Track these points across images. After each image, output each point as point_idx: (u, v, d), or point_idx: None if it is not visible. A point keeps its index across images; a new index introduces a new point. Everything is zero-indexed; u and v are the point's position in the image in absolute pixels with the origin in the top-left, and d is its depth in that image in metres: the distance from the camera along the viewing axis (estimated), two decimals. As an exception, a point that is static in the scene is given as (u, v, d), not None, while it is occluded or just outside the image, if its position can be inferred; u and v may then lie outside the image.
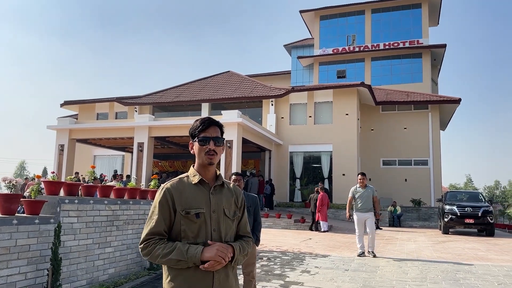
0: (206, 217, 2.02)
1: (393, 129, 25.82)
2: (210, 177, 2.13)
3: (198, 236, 1.99)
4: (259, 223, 5.11)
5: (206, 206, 2.03)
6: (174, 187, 2.06)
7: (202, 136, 2.12)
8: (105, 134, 20.61)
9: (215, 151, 2.10)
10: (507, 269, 8.08)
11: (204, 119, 2.16)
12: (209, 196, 2.06)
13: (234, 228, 2.12)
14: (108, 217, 6.21)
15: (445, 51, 32.11)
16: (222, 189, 2.13)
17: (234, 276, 2.07)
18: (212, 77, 28.18)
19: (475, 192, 20.68)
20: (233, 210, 2.12)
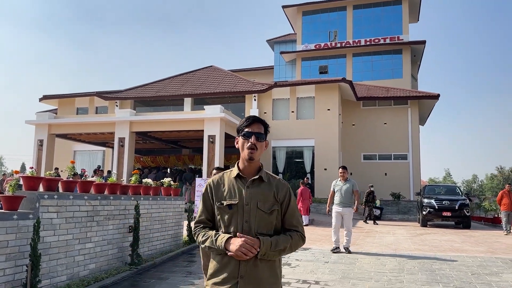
0: (238, 209, 2.17)
1: (373, 124, 26.18)
2: (250, 171, 2.27)
3: (230, 226, 2.16)
4: None
5: (240, 199, 2.18)
6: (214, 181, 2.29)
7: (245, 131, 2.26)
8: (85, 129, 20.37)
9: (256, 145, 2.24)
10: (481, 260, 8.36)
11: (249, 117, 2.32)
12: (244, 189, 2.21)
13: (273, 221, 2.20)
14: (89, 213, 6.18)
15: (424, 47, 32.63)
16: (261, 183, 2.24)
17: (268, 267, 2.14)
18: (195, 72, 28.04)
19: (452, 186, 21.19)
20: (270, 204, 2.20)
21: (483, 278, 6.73)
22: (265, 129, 2.33)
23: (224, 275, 2.10)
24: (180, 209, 9.57)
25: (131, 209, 7.26)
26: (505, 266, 7.70)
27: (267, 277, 2.12)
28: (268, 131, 2.38)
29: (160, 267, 7.40)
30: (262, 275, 2.11)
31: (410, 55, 32.25)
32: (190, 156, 25.46)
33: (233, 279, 2.08)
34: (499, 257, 8.70)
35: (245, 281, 2.08)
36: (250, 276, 2.09)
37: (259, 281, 2.10)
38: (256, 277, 2.10)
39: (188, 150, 25.92)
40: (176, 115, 19.38)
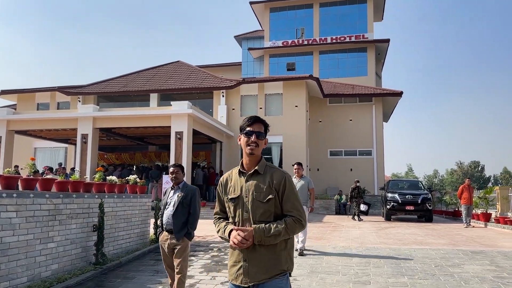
0: (239, 201, 2.47)
1: (339, 121, 26.62)
2: (251, 165, 2.52)
3: (235, 216, 2.49)
4: (193, 216, 4.82)
5: (240, 192, 2.48)
6: (225, 177, 2.62)
7: (247, 130, 2.50)
8: (46, 125, 19.62)
9: (256, 143, 2.48)
10: (443, 252, 8.64)
11: (251, 117, 2.57)
12: (244, 183, 2.49)
13: (270, 209, 2.43)
14: (50, 211, 5.94)
15: (388, 45, 33.42)
16: (257, 176, 2.48)
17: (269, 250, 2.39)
18: (161, 67, 27.57)
19: (415, 181, 21.86)
20: (265, 193, 2.43)
21: (446, 269, 6.95)
22: (265, 128, 2.58)
23: (234, 259, 2.47)
24: (146, 207, 9.38)
25: (95, 207, 7.04)
26: (466, 258, 8.00)
27: (268, 259, 2.39)
28: (268, 130, 2.61)
29: (126, 266, 7.22)
30: (263, 258, 2.39)
31: (374, 53, 32.96)
32: (156, 153, 25.03)
33: (240, 262, 2.42)
34: (461, 249, 9.03)
35: (249, 264, 2.39)
36: (253, 259, 2.39)
37: (260, 263, 2.39)
38: (258, 259, 2.39)
39: (154, 147, 25.46)
40: (142, 111, 18.97)
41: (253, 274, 2.38)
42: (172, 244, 4.75)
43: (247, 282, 2.39)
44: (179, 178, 4.92)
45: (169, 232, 4.77)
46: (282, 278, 2.41)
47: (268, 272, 2.38)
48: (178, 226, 4.73)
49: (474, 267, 7.11)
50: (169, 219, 4.77)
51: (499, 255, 8.35)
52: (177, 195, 4.84)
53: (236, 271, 2.43)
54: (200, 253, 8.51)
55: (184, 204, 4.78)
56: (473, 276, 6.43)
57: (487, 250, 8.98)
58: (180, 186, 4.91)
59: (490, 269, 6.96)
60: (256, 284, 2.39)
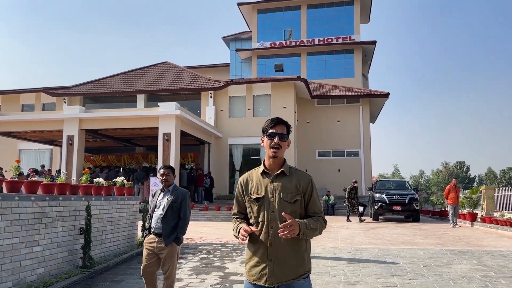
0: (264, 201, 2.46)
1: (327, 122, 26.73)
2: (275, 167, 2.53)
3: (259, 216, 2.47)
4: (183, 220, 4.69)
5: (265, 192, 2.47)
6: (244, 178, 2.62)
7: (270, 132, 2.51)
8: (31, 126, 19.32)
9: (279, 145, 2.48)
10: (432, 252, 8.71)
11: (274, 118, 2.56)
12: (269, 183, 2.48)
13: (296, 209, 2.46)
14: (36, 214, 5.82)
15: (375, 47, 33.69)
16: (284, 177, 2.50)
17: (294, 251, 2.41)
18: (148, 68, 27.37)
19: (402, 181, 22.04)
20: (292, 194, 2.46)
21: (434, 269, 7.00)
22: (287, 130, 2.57)
23: (256, 259, 2.43)
24: (134, 209, 9.27)
25: (82, 210, 6.92)
26: (454, 257, 8.08)
27: (293, 260, 2.41)
28: (290, 131, 2.60)
29: (114, 270, 7.12)
30: (288, 258, 2.40)
31: (361, 55, 33.20)
32: (144, 155, 24.82)
33: (263, 262, 2.40)
34: (448, 249, 9.12)
35: (273, 264, 2.39)
36: (277, 259, 2.39)
37: (285, 263, 2.39)
38: (283, 259, 2.40)
39: (142, 148, 25.25)
40: (129, 112, 18.80)
41: (278, 274, 2.39)
42: (159, 248, 4.57)
43: (272, 282, 2.38)
44: (169, 181, 4.77)
45: (157, 235, 4.60)
46: (305, 279, 2.46)
47: (294, 273, 2.40)
48: (167, 230, 4.56)
49: (462, 267, 7.18)
50: (158, 222, 4.60)
51: (486, 254, 8.45)
52: (167, 198, 4.68)
53: (260, 271, 2.41)
54: (189, 255, 8.44)
55: (174, 207, 4.63)
56: (461, 276, 6.48)
57: (474, 249, 9.08)
58: (170, 189, 4.75)
59: (478, 269, 7.03)
60: (281, 284, 2.39)
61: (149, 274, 4.62)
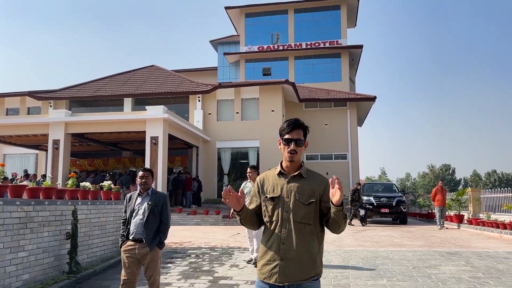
0: (280, 201, 2.49)
1: (315, 125, 26.79)
2: (291, 169, 2.55)
3: (273, 215, 2.50)
4: (165, 224, 4.56)
5: (281, 192, 2.50)
6: (261, 178, 2.65)
7: (286, 138, 2.52)
8: (16, 131, 19.01)
9: (295, 150, 2.50)
10: (420, 254, 8.77)
11: (290, 122, 2.55)
12: (285, 184, 2.51)
13: (311, 211, 2.46)
14: (21, 219, 5.70)
15: (361, 51, 33.99)
16: (300, 178, 2.53)
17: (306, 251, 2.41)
18: (135, 71, 27.17)
19: (389, 184, 22.23)
20: (307, 196, 2.47)
21: (423, 271, 7.04)
22: (305, 132, 2.57)
23: (268, 258, 2.45)
24: (121, 214, 9.15)
25: (68, 214, 6.81)
26: (442, 259, 8.14)
27: (304, 260, 2.41)
28: (308, 131, 2.60)
29: (101, 275, 7.00)
30: (300, 259, 2.40)
31: (348, 59, 33.45)
32: (131, 159, 24.59)
33: (276, 261, 2.41)
34: (436, 250, 9.19)
35: (285, 263, 2.39)
36: (290, 259, 2.39)
37: (297, 263, 2.40)
38: (295, 260, 2.39)
39: (129, 152, 25.01)
40: (115, 115, 18.61)
41: (289, 274, 2.39)
42: (141, 254, 4.40)
43: (282, 281, 2.39)
44: (148, 184, 4.59)
45: (137, 241, 4.42)
46: (315, 281, 2.45)
47: (305, 274, 2.40)
48: (150, 235, 4.41)
49: (450, 268, 7.23)
50: (139, 228, 4.42)
51: (473, 255, 8.53)
52: (146, 202, 4.51)
53: (271, 270, 2.42)
54: (178, 259, 8.35)
55: (156, 212, 4.48)
56: (450, 277, 6.53)
57: (462, 251, 9.17)
58: (149, 193, 4.59)
59: (466, 270, 7.09)
60: (292, 284, 2.39)
61: (130, 284, 4.44)
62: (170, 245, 10.33)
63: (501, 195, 15.31)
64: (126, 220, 4.55)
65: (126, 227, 4.52)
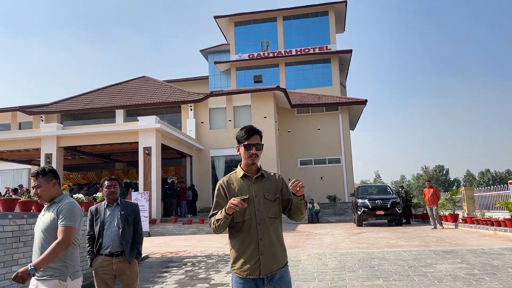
0: (250, 201, 2.63)
1: (308, 130, 26.93)
2: (252, 171, 2.77)
3: (245, 215, 2.65)
4: (141, 234, 4.34)
5: (249, 193, 2.67)
6: (225, 181, 2.78)
7: (246, 143, 2.73)
8: (8, 146, 18.90)
9: (256, 154, 2.73)
10: (416, 253, 8.79)
11: (248, 129, 2.77)
12: (251, 185, 2.70)
13: (277, 207, 2.72)
14: (14, 233, 5.65)
15: (351, 56, 34.30)
16: (262, 179, 2.76)
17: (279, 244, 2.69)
18: (126, 83, 27.17)
19: (383, 186, 22.31)
20: (273, 193, 2.72)
21: (419, 270, 7.06)
22: (261, 136, 2.81)
23: (247, 255, 2.62)
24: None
25: (62, 226, 6.75)
26: (437, 258, 8.17)
27: (279, 251, 2.67)
28: (261, 136, 2.82)
29: (97, 287, 6.93)
30: (276, 251, 2.65)
31: (338, 64, 33.71)
32: (124, 170, 24.49)
33: (256, 257, 2.60)
34: (432, 249, 9.22)
35: (265, 257, 2.60)
36: (268, 253, 2.62)
37: (274, 255, 2.64)
38: (272, 253, 2.63)
39: (122, 164, 24.92)
40: (107, 127, 18.57)
41: (271, 265, 2.62)
42: (119, 269, 4.09)
43: (265, 273, 2.60)
44: (116, 193, 4.29)
45: (115, 255, 4.10)
46: (287, 267, 2.73)
47: (281, 262, 2.67)
48: (128, 247, 4.14)
49: (446, 266, 7.26)
50: (115, 240, 4.12)
51: (468, 253, 8.57)
52: (119, 213, 4.22)
53: (253, 265, 2.61)
54: (174, 268, 8.31)
55: (130, 222, 4.23)
56: (446, 275, 6.55)
57: (457, 249, 9.21)
58: (119, 203, 4.29)
59: (462, 267, 7.12)
60: (272, 274, 2.62)
61: None
62: (166, 254, 10.28)
63: (494, 193, 15.42)
64: (95, 234, 4.21)
65: (97, 241, 4.18)
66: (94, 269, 4.16)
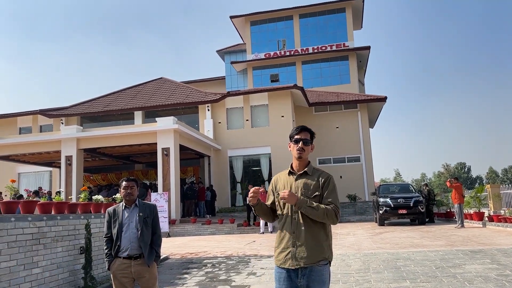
0: None
1: (326, 128, 26.58)
2: (299, 167, 2.96)
3: (284, 208, 2.90)
4: (159, 236, 4.24)
5: (290, 189, 2.87)
6: (275, 178, 3.07)
7: (295, 138, 2.94)
8: (29, 149, 19.18)
9: (303, 148, 2.92)
10: (442, 254, 8.49)
11: (299, 126, 3.00)
12: (294, 182, 2.92)
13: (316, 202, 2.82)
14: (34, 235, 5.63)
15: (369, 52, 33.77)
16: (306, 176, 2.92)
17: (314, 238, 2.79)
18: (144, 85, 27.33)
19: (405, 184, 21.80)
20: (312, 190, 2.86)
21: (447, 271, 6.79)
22: (311, 136, 2.98)
23: (282, 246, 2.84)
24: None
25: (81, 228, 6.73)
26: (466, 258, 7.86)
27: (312, 246, 2.77)
28: (314, 137, 3.01)
29: (118, 289, 6.88)
30: (308, 245, 2.77)
31: (356, 61, 33.24)
32: (143, 171, 24.63)
33: (289, 248, 2.81)
34: (459, 249, 8.89)
35: (296, 249, 2.78)
36: (299, 245, 2.77)
37: (305, 249, 2.76)
38: (304, 246, 2.77)
39: (141, 165, 25.08)
40: (126, 129, 18.67)
41: (300, 258, 2.76)
42: (138, 272, 4.01)
43: (294, 264, 2.77)
44: (134, 195, 4.19)
45: (133, 258, 4.02)
46: (324, 266, 2.80)
47: (313, 257, 2.76)
48: (146, 250, 4.05)
49: (475, 267, 6.96)
50: (134, 243, 4.03)
51: (498, 253, 8.23)
52: (137, 214, 4.12)
53: (285, 256, 2.80)
54: (194, 270, 8.21)
55: (148, 224, 4.13)
56: (476, 276, 6.27)
57: (486, 248, 8.86)
58: (137, 204, 4.19)
59: (492, 268, 6.82)
60: (304, 267, 2.76)
61: None
62: (185, 255, 10.20)
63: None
64: (113, 236, 4.12)
65: (115, 244, 4.08)
66: (112, 272, 4.09)
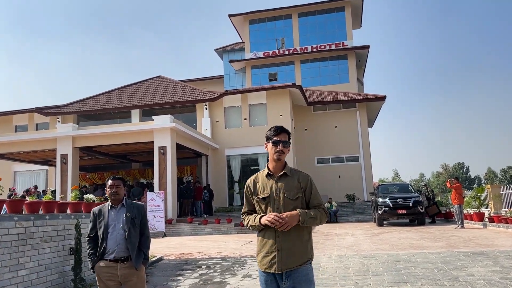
0: (270, 199, 2.80)
1: (325, 128, 26.39)
2: (277, 169, 2.87)
3: (266, 213, 2.78)
4: (148, 237, 3.99)
5: (270, 192, 2.81)
6: (251, 180, 2.94)
7: (274, 139, 2.84)
8: (24, 147, 18.93)
9: (282, 151, 2.84)
10: (443, 255, 8.27)
11: (277, 127, 2.91)
12: (273, 184, 2.82)
13: (298, 205, 2.78)
14: (20, 235, 5.40)
15: (368, 52, 33.58)
16: (286, 177, 2.84)
17: (298, 240, 2.74)
18: (142, 83, 27.11)
19: (404, 184, 21.59)
20: (294, 192, 2.79)
21: (449, 273, 6.57)
22: (289, 136, 2.91)
23: (266, 250, 2.75)
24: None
25: (71, 228, 6.51)
26: (468, 260, 7.64)
27: (298, 249, 2.73)
28: (290, 137, 2.93)
29: (109, 291, 6.65)
30: (293, 247, 2.72)
31: (355, 60, 33.05)
32: (140, 170, 24.40)
33: (273, 252, 2.72)
34: (461, 251, 8.68)
35: (282, 253, 2.70)
36: (285, 249, 2.71)
37: (292, 252, 2.72)
38: (289, 249, 2.71)
39: (138, 164, 24.84)
40: (123, 127, 18.42)
41: (286, 262, 2.70)
42: (125, 275, 3.76)
43: (281, 268, 2.70)
44: (120, 194, 3.93)
45: (120, 261, 3.77)
46: (308, 265, 2.78)
47: (299, 260, 2.72)
48: (134, 252, 3.80)
49: (478, 269, 6.75)
50: (121, 244, 3.78)
51: (501, 255, 8.02)
52: (124, 214, 3.87)
53: (270, 260, 2.73)
54: (188, 272, 7.99)
55: (136, 224, 3.89)
56: (479, 279, 6.06)
57: (488, 250, 8.65)
58: (124, 204, 3.94)
59: (495, 270, 6.61)
60: (289, 270, 2.70)
61: None
62: (180, 256, 9.98)
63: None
64: (99, 238, 3.87)
65: (100, 245, 3.83)
66: (97, 274, 3.85)
